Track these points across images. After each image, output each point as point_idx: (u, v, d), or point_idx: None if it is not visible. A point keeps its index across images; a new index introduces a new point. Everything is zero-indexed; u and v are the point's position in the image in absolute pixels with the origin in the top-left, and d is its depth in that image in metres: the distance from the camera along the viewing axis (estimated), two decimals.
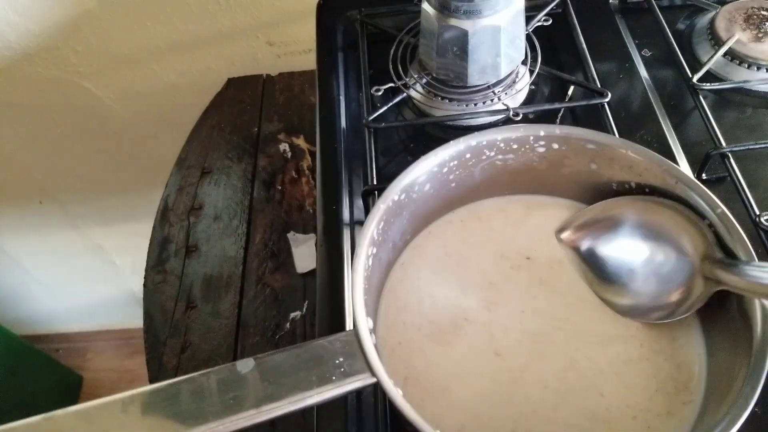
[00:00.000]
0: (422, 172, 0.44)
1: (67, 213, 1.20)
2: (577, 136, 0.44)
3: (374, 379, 0.35)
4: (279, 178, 0.80)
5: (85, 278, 1.39)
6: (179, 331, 0.69)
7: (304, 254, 0.76)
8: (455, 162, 0.45)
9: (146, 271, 0.75)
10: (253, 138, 0.84)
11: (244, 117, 0.86)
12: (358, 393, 0.50)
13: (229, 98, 0.88)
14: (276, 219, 0.78)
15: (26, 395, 1.30)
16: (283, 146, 0.82)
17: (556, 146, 0.46)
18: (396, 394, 0.35)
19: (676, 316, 0.41)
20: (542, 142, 0.45)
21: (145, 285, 0.74)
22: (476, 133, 0.45)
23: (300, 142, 0.83)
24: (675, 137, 0.61)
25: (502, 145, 0.46)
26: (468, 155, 0.45)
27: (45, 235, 1.25)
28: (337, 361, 0.36)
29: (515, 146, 0.46)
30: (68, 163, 1.10)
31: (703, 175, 0.59)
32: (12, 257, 1.30)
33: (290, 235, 0.77)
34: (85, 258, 1.32)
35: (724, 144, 0.57)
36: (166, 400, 0.33)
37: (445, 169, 0.45)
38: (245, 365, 0.35)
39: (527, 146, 0.46)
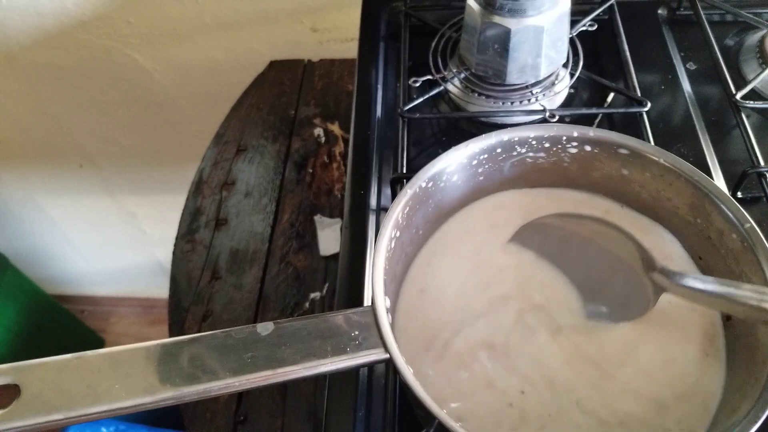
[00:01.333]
0: (452, 163, 0.45)
1: (105, 179, 1.24)
2: (611, 140, 0.45)
3: (387, 355, 0.36)
4: (311, 162, 0.81)
5: (115, 244, 1.43)
6: (202, 300, 0.71)
7: (329, 237, 0.77)
8: (485, 156, 0.46)
9: (176, 239, 0.77)
10: (290, 120, 0.85)
11: (282, 99, 0.87)
12: (370, 373, 0.51)
13: (269, 79, 0.90)
14: (304, 201, 0.79)
15: (49, 351, 1.34)
16: (318, 131, 0.84)
17: (588, 148, 0.46)
18: (407, 371, 0.36)
19: (635, 314, 0.43)
20: (575, 143, 0.46)
21: (174, 252, 0.76)
22: (509, 128, 0.45)
23: (334, 128, 0.84)
24: (713, 153, 0.61)
25: (534, 142, 0.46)
26: (499, 150, 0.46)
27: (82, 199, 1.29)
28: (353, 334, 0.37)
29: (547, 145, 0.46)
30: (110, 130, 1.13)
31: (739, 193, 0.58)
32: (50, 217, 1.34)
33: (317, 217, 0.78)
34: (117, 224, 1.36)
35: (762, 163, 0.57)
36: (187, 353, 0.35)
37: (475, 162, 0.46)
38: (265, 328, 0.36)
39: (559, 146, 0.46)
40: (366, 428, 0.49)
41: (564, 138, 0.45)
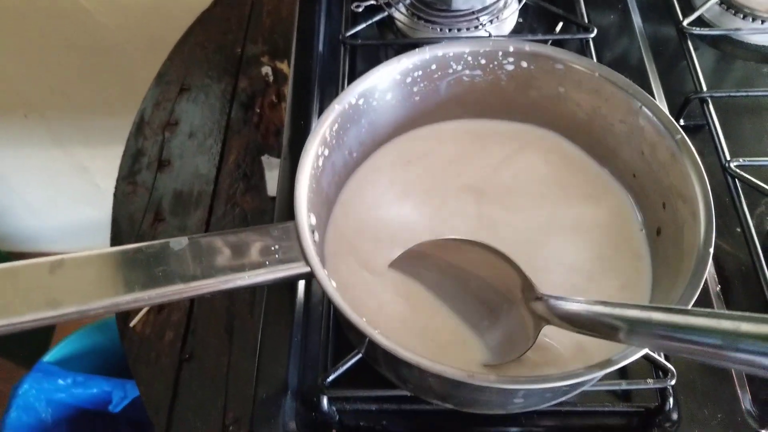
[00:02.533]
0: (384, 79, 0.43)
1: (52, 131, 1.19)
2: (546, 54, 0.43)
3: (308, 269, 0.35)
4: (258, 101, 0.79)
5: (70, 199, 1.39)
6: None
7: (277, 178, 0.75)
8: (420, 72, 0.44)
9: (117, 181, 0.74)
10: (236, 59, 0.82)
11: (228, 37, 0.84)
12: (306, 301, 0.50)
13: (215, 16, 0.86)
14: (251, 141, 0.77)
15: None
16: (266, 69, 0.81)
17: (524, 64, 0.45)
18: (327, 283, 0.35)
19: (517, 353, 0.38)
20: (511, 59, 0.44)
21: (115, 195, 0.74)
22: (443, 42, 0.44)
23: (283, 66, 0.81)
24: (659, 82, 0.60)
25: (470, 58, 0.45)
26: (434, 66, 0.44)
27: (30, 152, 1.24)
28: (273, 248, 0.36)
29: (483, 61, 0.45)
30: (54, 77, 1.08)
31: (681, 120, 0.58)
32: None
33: (264, 158, 0.76)
34: (70, 179, 1.31)
35: (705, 89, 0.56)
36: (94, 267, 0.33)
37: (409, 79, 0.45)
38: (178, 243, 0.35)
39: (495, 62, 0.45)
40: (301, 354, 0.48)
41: (500, 53, 0.44)
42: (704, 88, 0.56)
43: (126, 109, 1.13)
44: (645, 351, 0.33)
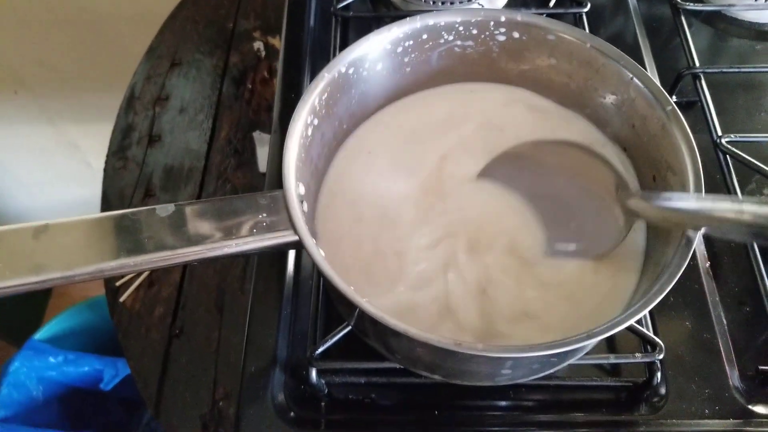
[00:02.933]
0: (374, 48, 0.43)
1: (43, 107, 1.18)
2: (538, 24, 0.43)
3: (296, 237, 0.35)
4: (250, 77, 0.78)
5: (61, 178, 1.38)
6: None
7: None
8: (411, 42, 0.44)
9: (107, 156, 0.74)
10: (228, 33, 0.81)
11: (220, 11, 0.83)
12: (296, 275, 0.50)
13: None
14: (243, 117, 0.76)
15: None
16: (258, 45, 0.80)
17: (516, 35, 0.44)
18: (316, 251, 0.35)
19: (606, 249, 0.41)
20: (503, 29, 0.44)
21: (105, 170, 0.73)
22: (434, 12, 0.43)
23: (275, 42, 0.80)
24: (652, 58, 0.60)
25: (461, 28, 0.44)
26: (425, 36, 0.44)
27: (20, 129, 1.23)
28: (260, 216, 0.35)
29: (475, 31, 0.44)
30: (44, 53, 1.06)
31: (674, 97, 0.58)
32: None
33: (256, 134, 0.75)
34: (61, 157, 1.30)
35: (697, 64, 0.56)
36: (79, 233, 0.33)
37: (400, 49, 0.44)
38: (165, 209, 0.35)
39: (487, 33, 0.44)
40: (291, 327, 0.48)
41: (492, 23, 0.43)
42: (697, 64, 0.56)
43: (117, 85, 1.11)
44: (632, 321, 0.33)
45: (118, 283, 0.64)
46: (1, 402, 1.05)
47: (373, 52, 0.43)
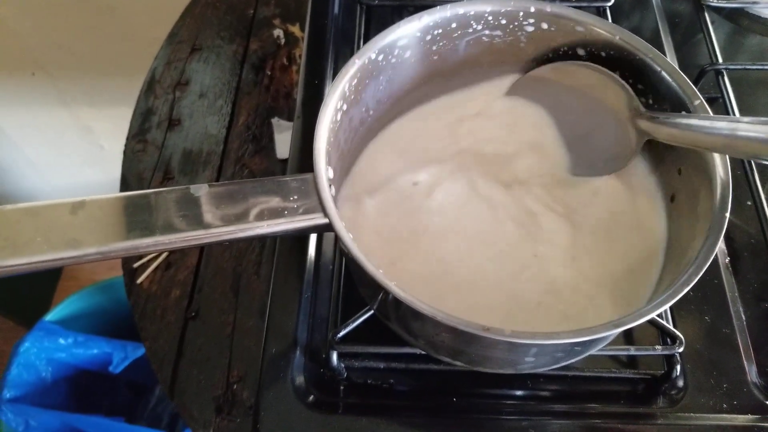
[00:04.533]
0: (404, 35, 0.43)
1: (59, 89, 1.18)
2: (568, 15, 0.43)
3: (326, 220, 0.35)
4: (269, 64, 0.78)
5: (73, 159, 1.38)
6: None
7: (287, 141, 0.75)
8: (440, 30, 0.44)
9: (127, 139, 0.74)
10: (248, 20, 0.81)
11: None
12: (317, 258, 0.51)
13: None
14: (262, 103, 0.76)
15: None
16: (278, 32, 0.80)
17: (545, 26, 0.44)
18: (346, 235, 0.35)
19: (618, 167, 0.45)
20: (531, 20, 0.44)
21: (124, 152, 0.74)
22: (465, 1, 0.43)
23: (295, 29, 0.81)
24: (674, 54, 0.60)
25: (490, 18, 0.44)
26: (454, 25, 0.44)
27: (35, 110, 1.23)
28: (291, 199, 0.36)
29: (504, 21, 0.44)
30: (62, 35, 1.07)
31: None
32: (2, 129, 1.28)
33: (274, 120, 0.75)
34: (74, 138, 1.31)
35: (720, 61, 0.56)
36: (115, 210, 0.33)
37: (429, 37, 0.44)
38: (199, 189, 0.35)
39: (516, 23, 0.44)
40: (311, 311, 0.49)
41: (521, 13, 0.44)
42: (720, 60, 0.56)
43: (133, 69, 1.12)
44: (660, 311, 0.34)
45: (135, 265, 0.65)
46: (10, 382, 1.06)
47: (403, 40, 0.43)
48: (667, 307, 0.34)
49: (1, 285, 1.29)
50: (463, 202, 0.44)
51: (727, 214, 0.36)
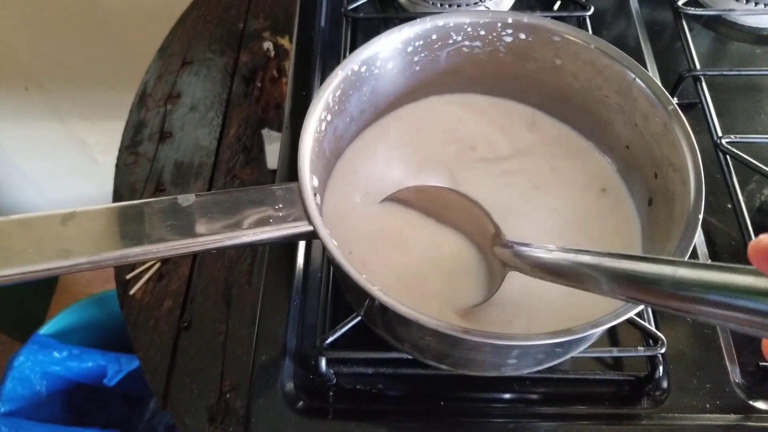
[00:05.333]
0: (385, 47, 0.44)
1: (52, 103, 1.19)
2: (544, 26, 0.44)
3: (311, 228, 0.36)
4: (259, 76, 0.79)
5: (67, 173, 1.39)
6: None
7: (277, 151, 0.76)
8: (420, 42, 0.45)
9: (119, 151, 0.75)
10: (238, 33, 0.82)
11: (230, 11, 0.84)
12: (306, 267, 0.51)
13: None
14: (252, 115, 0.77)
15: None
16: (267, 44, 0.82)
17: (523, 36, 0.45)
18: (329, 241, 0.36)
19: (486, 297, 0.42)
20: (510, 30, 0.45)
21: (117, 165, 0.74)
22: (444, 13, 0.45)
23: (284, 42, 0.82)
24: (653, 60, 0.61)
25: (469, 29, 0.45)
26: (434, 36, 0.45)
27: (29, 124, 1.24)
28: (276, 207, 0.37)
29: (483, 32, 0.46)
30: (56, 49, 1.08)
31: (675, 99, 0.59)
32: None
33: (264, 131, 0.77)
34: (68, 152, 1.31)
35: (698, 67, 0.57)
36: (104, 220, 0.34)
37: (410, 48, 0.45)
38: (186, 199, 0.36)
39: (494, 33, 0.46)
40: (300, 318, 0.50)
41: (499, 24, 0.45)
42: (698, 66, 0.57)
43: (126, 82, 1.13)
44: (638, 309, 0.35)
45: (128, 276, 0.66)
46: (5, 396, 1.06)
47: (385, 51, 0.44)
48: (641, 307, 0.35)
49: None
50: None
51: (701, 216, 0.37)
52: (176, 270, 0.65)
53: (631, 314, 0.35)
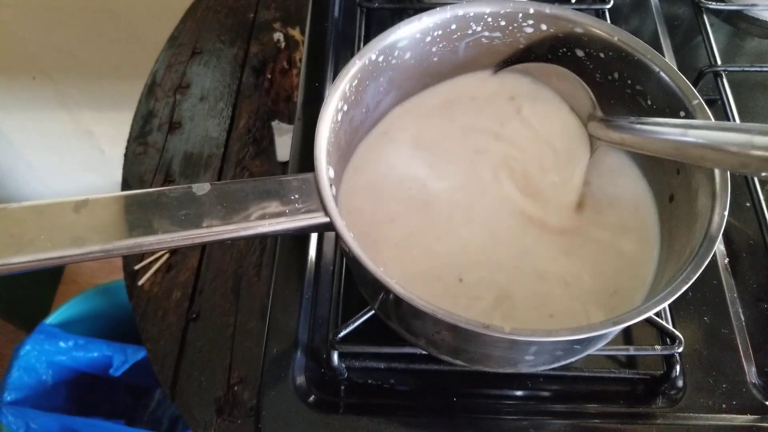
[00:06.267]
0: (404, 36, 0.43)
1: (60, 93, 1.18)
2: (566, 16, 0.43)
3: (327, 219, 0.36)
4: (270, 67, 0.79)
5: (74, 164, 1.39)
6: None
7: (286, 144, 0.75)
8: (439, 32, 0.44)
9: (128, 141, 0.74)
10: (248, 23, 0.82)
11: (241, 1, 0.84)
12: (318, 259, 0.51)
13: None
14: (262, 107, 0.77)
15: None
16: (278, 35, 0.81)
17: (544, 27, 0.45)
18: (346, 233, 0.35)
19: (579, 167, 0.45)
20: (531, 21, 0.44)
21: (125, 155, 0.74)
22: (464, 3, 0.44)
23: (295, 33, 0.81)
24: (672, 56, 0.61)
25: (489, 19, 0.44)
26: (453, 26, 0.44)
27: (36, 114, 1.24)
28: (292, 197, 0.36)
29: (503, 23, 0.45)
30: (63, 39, 1.07)
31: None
32: (2, 132, 1.28)
33: (274, 123, 0.76)
34: (75, 143, 1.31)
35: (719, 63, 0.56)
36: (118, 208, 0.34)
37: (428, 39, 0.45)
38: (201, 188, 0.35)
39: (515, 24, 0.45)
40: (312, 311, 0.49)
41: (520, 15, 0.44)
42: (719, 62, 0.56)
43: (134, 72, 1.12)
44: (658, 309, 0.34)
45: (136, 267, 0.65)
46: (11, 385, 1.06)
47: (403, 41, 0.43)
48: (665, 305, 0.34)
49: (1, 288, 1.30)
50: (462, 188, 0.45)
51: (726, 212, 0.36)
52: (185, 261, 0.65)
53: (652, 313, 0.34)
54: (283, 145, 0.76)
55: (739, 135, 0.34)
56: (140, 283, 0.65)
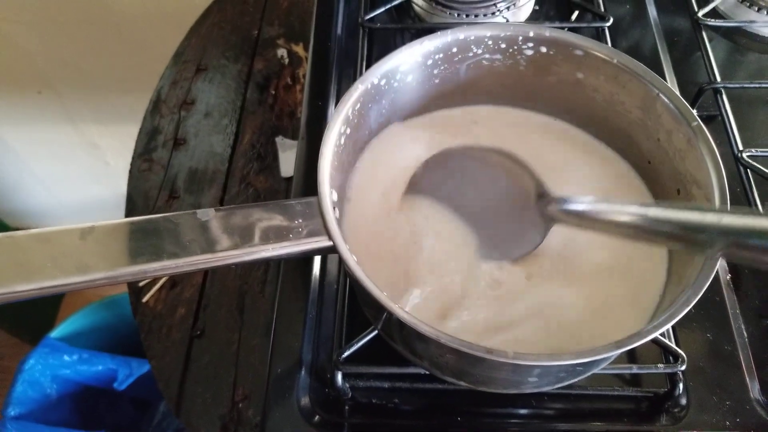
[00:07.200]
0: (406, 60, 0.44)
1: (65, 107, 1.19)
2: (566, 40, 0.44)
3: (330, 243, 0.36)
4: (273, 83, 0.79)
5: (79, 176, 1.39)
6: None
7: (290, 159, 0.75)
8: (441, 55, 0.45)
9: (133, 158, 0.75)
10: (252, 40, 0.82)
11: (245, 18, 0.84)
12: (321, 278, 0.51)
13: None
14: (266, 122, 0.77)
15: None
16: (282, 52, 0.81)
17: (544, 49, 0.45)
18: (349, 257, 0.35)
19: (525, 252, 0.43)
20: (531, 44, 0.45)
21: (130, 171, 0.74)
22: (465, 26, 0.44)
23: (299, 49, 0.82)
24: (672, 72, 0.61)
25: (490, 42, 0.45)
26: (455, 49, 0.45)
27: (42, 127, 1.25)
28: (296, 222, 0.36)
29: (503, 45, 0.45)
30: (70, 53, 1.08)
31: (695, 111, 0.58)
32: (10, 147, 1.29)
33: (278, 139, 0.76)
34: (80, 155, 1.32)
35: (719, 79, 0.57)
36: (123, 235, 0.34)
37: (430, 62, 0.45)
38: (205, 214, 0.36)
39: (515, 47, 0.45)
40: (316, 331, 0.49)
41: (520, 38, 0.44)
42: (718, 79, 0.57)
43: (139, 86, 1.13)
44: (660, 332, 0.34)
45: (141, 284, 0.66)
46: (15, 399, 1.06)
47: (405, 64, 0.44)
48: (667, 327, 0.34)
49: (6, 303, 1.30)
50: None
51: None
52: (189, 278, 0.65)
53: (655, 335, 0.34)
54: (287, 161, 0.76)
55: (693, 214, 0.33)
56: (145, 299, 0.65)
